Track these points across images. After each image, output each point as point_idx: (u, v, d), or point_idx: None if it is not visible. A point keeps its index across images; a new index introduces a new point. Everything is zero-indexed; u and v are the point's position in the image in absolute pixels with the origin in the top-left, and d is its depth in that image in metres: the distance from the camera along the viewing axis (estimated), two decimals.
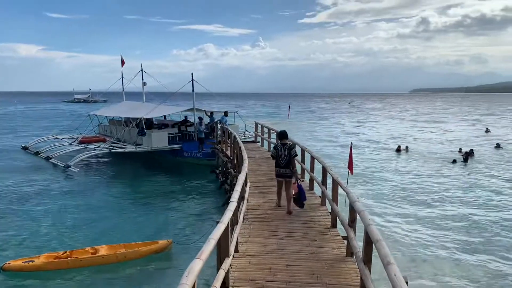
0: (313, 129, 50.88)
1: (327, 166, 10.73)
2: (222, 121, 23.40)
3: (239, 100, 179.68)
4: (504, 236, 13.68)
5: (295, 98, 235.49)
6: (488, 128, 48.29)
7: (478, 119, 69.30)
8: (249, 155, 16.38)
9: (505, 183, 21.40)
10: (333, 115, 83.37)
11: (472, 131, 49.07)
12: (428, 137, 42.35)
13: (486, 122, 61.76)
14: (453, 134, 45.12)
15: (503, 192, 19.50)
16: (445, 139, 40.67)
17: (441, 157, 29.28)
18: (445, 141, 38.38)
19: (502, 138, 39.44)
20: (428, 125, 58.32)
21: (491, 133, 45.60)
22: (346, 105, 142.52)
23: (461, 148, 32.61)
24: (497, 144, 34.51)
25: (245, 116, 51.84)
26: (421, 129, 52.27)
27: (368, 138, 41.60)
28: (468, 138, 40.97)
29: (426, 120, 67.59)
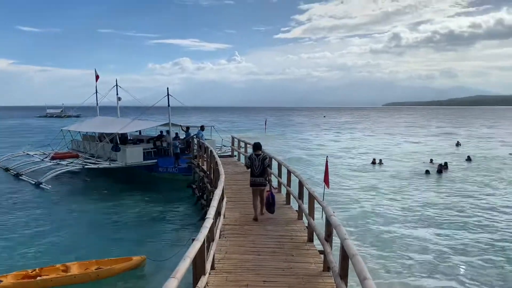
0: (289, 143, 51.18)
1: (303, 180, 10.77)
2: (198, 136, 23.28)
3: (216, 114, 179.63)
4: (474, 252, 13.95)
5: (272, 112, 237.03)
6: (459, 142, 49.55)
7: (449, 132, 71.16)
8: (225, 169, 16.30)
9: (478, 195, 21.91)
10: (309, 128, 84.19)
11: (444, 144, 50.28)
12: (401, 150, 43.15)
13: (457, 135, 63.46)
14: (426, 147, 46.11)
15: (477, 205, 19.94)
16: (418, 151, 41.50)
17: (415, 169, 29.84)
18: (418, 154, 39.13)
19: (472, 151, 40.53)
20: (401, 138, 59.49)
21: (461, 146, 46.78)
22: (321, 118, 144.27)
23: (432, 159, 33.43)
24: (468, 156, 35.43)
25: (222, 130, 51.83)
26: (395, 142, 53.25)
27: (343, 151, 42.10)
28: (440, 151, 41.93)
29: (399, 133, 68.96)
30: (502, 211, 18.41)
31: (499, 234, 15.24)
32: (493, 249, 13.68)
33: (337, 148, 45.85)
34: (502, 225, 16.29)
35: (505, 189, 23.29)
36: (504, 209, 18.73)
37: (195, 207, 18.65)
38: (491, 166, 31.79)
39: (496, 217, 17.51)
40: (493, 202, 20.15)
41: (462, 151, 40.66)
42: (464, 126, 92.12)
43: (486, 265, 12.40)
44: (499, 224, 16.49)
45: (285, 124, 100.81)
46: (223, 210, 10.06)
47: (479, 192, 22.52)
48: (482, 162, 33.80)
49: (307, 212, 9.72)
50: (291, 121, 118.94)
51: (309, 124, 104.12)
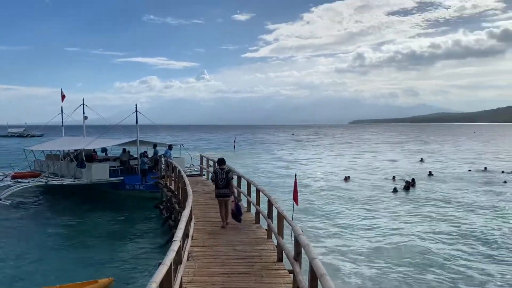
0: (259, 161, 51.28)
1: (272, 199, 10.77)
2: (166, 155, 23.00)
3: (185, 132, 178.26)
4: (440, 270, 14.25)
5: (241, 130, 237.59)
6: (422, 158, 51.05)
7: (413, 149, 73.26)
8: (194, 189, 16.12)
9: (445, 210, 22.50)
10: (278, 146, 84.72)
11: (408, 160, 51.68)
12: (368, 166, 43.99)
13: (420, 152, 65.41)
14: (391, 164, 47.22)
15: (447, 219, 20.45)
16: (384, 168, 42.44)
17: (383, 186, 30.43)
18: (384, 170, 39.99)
19: (434, 167, 41.81)
20: (368, 154, 60.74)
21: (425, 162, 48.20)
22: (290, 136, 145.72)
23: (394, 175, 34.33)
24: (430, 172, 36.54)
25: (191, 148, 51.36)
26: (362, 158, 54.27)
27: (312, 168, 42.52)
28: (405, 167, 43.04)
29: (365, 150, 70.41)
30: (469, 224, 18.98)
31: (472, 246, 15.66)
32: (464, 261, 14.03)
33: (306, 165, 46.28)
34: (472, 238, 16.76)
35: (468, 204, 24.04)
36: (470, 222, 19.31)
37: (163, 228, 18.27)
38: (452, 181, 32.82)
39: (463, 229, 18.02)
40: (461, 216, 20.75)
41: (426, 167, 41.86)
42: (427, 143, 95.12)
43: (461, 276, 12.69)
44: (470, 236, 16.97)
45: (254, 142, 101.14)
46: (191, 232, 9.91)
47: (445, 207, 23.11)
48: (445, 178, 34.84)
49: (276, 231, 9.70)
50: (260, 139, 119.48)
51: (278, 141, 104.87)
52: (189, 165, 28.63)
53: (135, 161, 26.13)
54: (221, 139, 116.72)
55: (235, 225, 12.44)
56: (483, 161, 48.52)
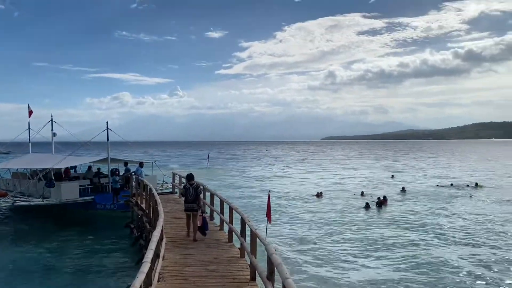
0: (232, 177, 51.09)
1: (245, 218, 10.71)
2: (137, 173, 22.61)
3: (158, 149, 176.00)
4: None
5: (214, 146, 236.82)
6: (393, 175, 51.91)
7: (384, 165, 74.64)
8: (166, 207, 15.88)
9: (418, 226, 22.87)
10: (252, 162, 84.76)
11: (379, 176, 52.57)
12: (340, 182, 44.50)
13: (391, 168, 66.72)
14: (362, 180, 47.92)
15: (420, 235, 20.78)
16: (356, 183, 43.00)
17: (353, 203, 30.77)
18: (355, 186, 40.51)
19: (406, 183, 42.69)
20: (340, 170, 61.50)
21: (396, 178, 49.12)
22: (263, 152, 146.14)
23: (363, 191, 34.98)
24: (402, 188, 37.24)
25: (163, 165, 50.68)
26: (334, 174, 54.87)
27: (286, 185, 42.61)
28: (376, 183, 43.74)
29: (338, 166, 71.32)
30: (444, 239, 19.34)
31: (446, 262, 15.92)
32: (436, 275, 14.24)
33: (279, 181, 46.38)
34: (448, 252, 17.05)
35: (439, 219, 24.55)
36: (446, 237, 19.69)
37: (133, 248, 17.83)
38: (424, 197, 33.53)
39: (439, 244, 18.33)
40: (435, 231, 21.14)
41: (397, 183, 42.65)
42: (397, 159, 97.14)
43: None
44: (444, 251, 17.26)
45: (227, 159, 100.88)
46: (162, 252, 9.69)
47: (418, 223, 23.47)
48: (416, 193, 35.55)
49: (249, 250, 9.62)
50: (234, 156, 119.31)
51: (252, 158, 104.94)
52: (161, 182, 28.23)
53: (106, 179, 25.56)
54: (195, 155, 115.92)
55: (208, 244, 12.30)
56: (451, 176, 49.88)
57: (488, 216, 25.24)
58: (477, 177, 48.84)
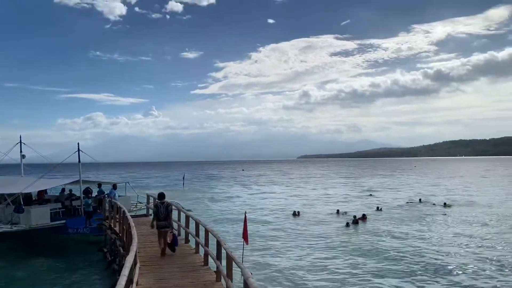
0: (208, 198, 50.56)
1: (221, 240, 10.58)
2: (110, 195, 22.14)
3: (132, 170, 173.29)
4: None
5: (190, 166, 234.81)
6: (372, 194, 52.31)
7: (359, 183, 75.48)
8: (140, 230, 15.55)
9: (397, 243, 23.07)
10: (228, 182, 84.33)
11: (355, 194, 53.07)
12: (317, 201, 44.64)
13: (366, 185, 67.54)
14: (340, 198, 48.23)
15: (398, 252, 20.94)
16: (333, 202, 43.19)
17: (330, 221, 30.89)
18: (332, 205, 40.69)
19: (382, 201, 43.22)
20: (316, 189, 61.78)
21: (373, 196, 49.59)
22: (240, 171, 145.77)
23: (338, 209, 35.25)
24: (377, 207, 37.61)
25: (138, 186, 49.78)
26: (310, 192, 55.03)
27: (262, 205, 42.45)
28: (352, 201, 44.11)
29: (314, 184, 71.65)
30: (422, 255, 19.55)
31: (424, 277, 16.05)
32: None
33: (256, 201, 46.17)
34: (425, 268, 17.20)
35: (415, 236, 24.87)
36: (423, 253, 19.90)
37: (107, 273, 17.30)
38: (398, 215, 33.94)
39: (417, 260, 18.49)
40: (412, 246, 21.35)
41: (373, 201, 43.11)
42: (372, 177, 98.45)
43: None
44: (422, 267, 17.40)
45: (203, 179, 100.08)
46: (135, 278, 9.43)
47: (397, 240, 23.68)
48: (391, 212, 35.95)
49: (225, 273, 9.47)
50: (210, 176, 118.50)
51: (228, 178, 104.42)
52: (135, 203, 27.71)
53: (78, 202, 24.88)
54: (170, 176, 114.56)
55: (183, 267, 12.08)
56: (422, 194, 50.83)
57: (457, 237, 25.72)
58: (446, 194, 49.94)
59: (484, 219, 30.74)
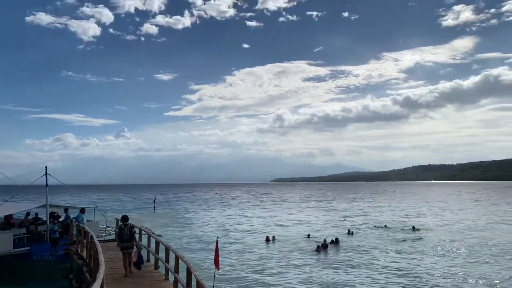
0: (179, 222, 49.81)
1: (191, 267, 10.48)
2: (78, 219, 21.57)
3: (102, 192, 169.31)
4: None
5: (162, 189, 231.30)
6: (345, 218, 52.57)
7: (331, 207, 76.08)
8: (108, 255, 15.21)
9: (369, 268, 23.22)
10: (201, 206, 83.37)
11: (328, 218, 53.38)
12: (290, 225, 44.64)
13: (338, 209, 68.09)
14: (313, 222, 48.37)
15: (370, 276, 21.07)
16: (306, 226, 43.26)
17: (304, 246, 30.90)
18: (305, 228, 40.75)
19: (353, 225, 43.60)
20: (290, 213, 61.79)
21: (346, 220, 49.96)
22: (213, 194, 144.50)
23: (309, 234, 35.46)
24: (349, 230, 37.96)
25: (107, 210, 48.66)
26: (284, 217, 54.97)
27: (235, 229, 42.12)
28: (327, 225, 44.32)
29: (287, 208, 71.66)
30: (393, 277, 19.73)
31: None
32: None
33: (228, 226, 45.75)
34: None
35: (387, 259, 25.14)
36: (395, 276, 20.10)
37: None
38: (368, 239, 34.30)
39: None
40: (384, 267, 21.54)
41: (345, 225, 43.43)
42: (344, 201, 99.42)
43: None
44: None
45: (175, 202, 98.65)
46: None
47: (369, 264, 23.86)
48: (361, 235, 36.33)
49: None
50: (182, 199, 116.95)
51: (201, 201, 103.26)
52: (104, 227, 27.04)
53: (44, 227, 24.07)
54: (141, 199, 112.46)
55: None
56: (393, 217, 51.67)
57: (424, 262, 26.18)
58: (415, 218, 50.90)
59: (449, 244, 31.45)
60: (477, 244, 30.99)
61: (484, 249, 28.94)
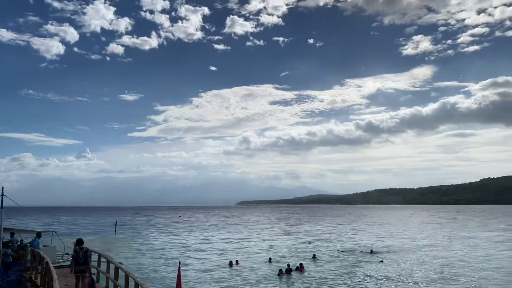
0: (141, 247, 48.59)
1: None
2: (33, 244, 20.75)
3: (62, 215, 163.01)
4: None
5: (124, 212, 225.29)
6: (310, 242, 52.80)
7: (297, 230, 76.32)
8: (64, 282, 14.71)
9: None
10: (164, 229, 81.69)
11: (294, 242, 53.46)
12: (255, 249, 44.41)
13: (305, 233, 68.37)
14: (279, 245, 48.33)
15: None
16: (270, 250, 43.16)
17: (270, 270, 30.78)
18: (268, 252, 40.65)
19: (318, 249, 43.88)
20: (254, 237, 61.51)
21: (307, 243, 50.23)
22: (176, 218, 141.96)
23: (270, 257, 35.52)
24: (314, 255, 38.07)
25: (66, 234, 46.91)
26: (248, 240, 54.66)
27: (199, 253, 41.47)
28: (290, 249, 44.37)
29: (252, 232, 71.30)
30: None
31: None
32: None
33: (191, 250, 45.02)
34: None
35: (351, 283, 25.39)
36: None
37: None
38: (332, 263, 34.61)
39: None
40: None
41: (310, 249, 43.61)
42: (309, 224, 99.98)
43: None
44: None
45: (138, 225, 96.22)
46: None
47: None
48: (325, 259, 36.56)
49: None
50: (145, 222, 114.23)
51: (164, 225, 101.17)
52: (62, 254, 26.09)
53: None
54: (102, 222, 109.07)
55: None
56: (355, 240, 52.42)
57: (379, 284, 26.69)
58: (375, 241, 51.86)
59: (406, 265, 32.24)
60: (433, 264, 31.93)
61: (438, 269, 29.91)
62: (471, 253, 39.90)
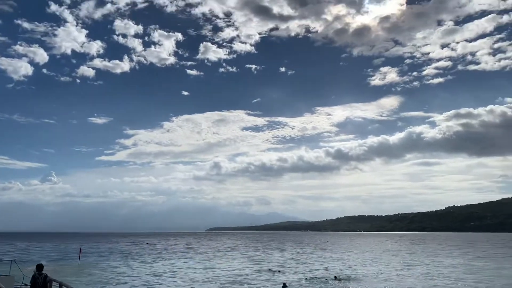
0: (106, 276, 47.37)
1: None
2: None
3: (22, 241, 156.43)
4: None
5: (90, 238, 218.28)
6: (279, 270, 52.65)
7: (267, 258, 76.06)
8: None
9: None
10: (130, 257, 79.73)
11: (263, 269, 53.32)
12: (223, 277, 44.08)
13: (275, 261, 68.26)
14: (247, 273, 48.11)
15: None
16: (237, 278, 42.98)
17: None
18: (236, 281, 40.52)
19: (287, 277, 43.99)
20: (221, 264, 60.96)
21: (277, 272, 50.19)
22: (144, 245, 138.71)
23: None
24: (284, 284, 38.09)
25: (27, 261, 45.25)
26: (215, 269, 54.14)
27: (166, 283, 40.84)
28: (259, 278, 44.27)
29: (220, 259, 70.61)
30: None
31: None
32: None
33: (157, 278, 44.27)
34: None
35: None
36: None
37: None
38: None
39: None
40: None
41: (280, 278, 43.67)
42: (278, 251, 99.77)
43: None
44: None
45: (103, 252, 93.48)
46: None
47: None
48: None
49: None
50: (110, 249, 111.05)
51: (130, 252, 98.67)
52: (21, 285, 25.30)
53: None
54: (66, 248, 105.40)
55: None
56: (324, 267, 52.81)
57: None
58: (341, 268, 52.48)
59: None
60: None
61: None
62: (431, 281, 40.99)
